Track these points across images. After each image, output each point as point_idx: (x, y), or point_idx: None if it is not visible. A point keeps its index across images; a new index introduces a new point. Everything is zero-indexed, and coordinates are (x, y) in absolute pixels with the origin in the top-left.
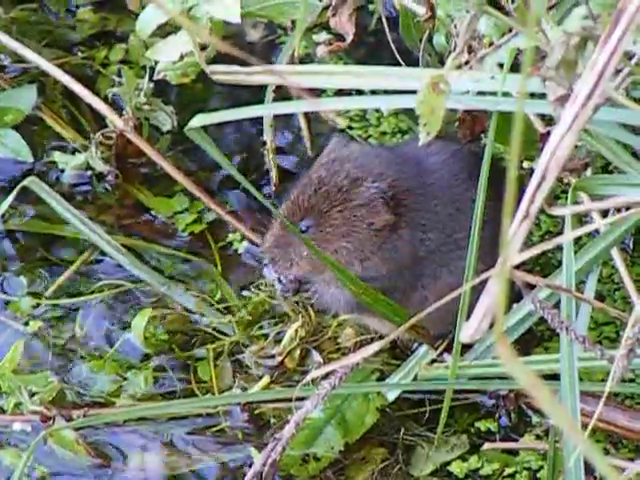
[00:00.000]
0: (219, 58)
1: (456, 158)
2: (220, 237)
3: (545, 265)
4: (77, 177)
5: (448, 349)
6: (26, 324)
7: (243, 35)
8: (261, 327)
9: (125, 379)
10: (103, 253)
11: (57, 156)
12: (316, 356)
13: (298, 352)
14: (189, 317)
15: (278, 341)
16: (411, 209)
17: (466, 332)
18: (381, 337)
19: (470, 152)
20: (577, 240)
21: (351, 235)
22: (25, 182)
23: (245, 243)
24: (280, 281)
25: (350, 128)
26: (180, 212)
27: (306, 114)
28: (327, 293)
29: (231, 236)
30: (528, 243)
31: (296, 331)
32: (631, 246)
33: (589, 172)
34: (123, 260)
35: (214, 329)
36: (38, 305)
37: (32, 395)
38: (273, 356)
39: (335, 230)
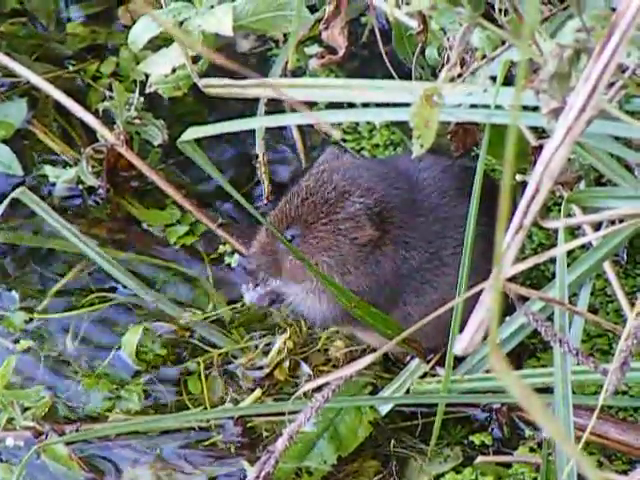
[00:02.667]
0: (211, 70)
1: (447, 174)
2: (212, 249)
3: (538, 278)
4: (68, 191)
5: (440, 362)
6: (16, 342)
7: (234, 46)
8: (251, 338)
9: (118, 395)
10: (95, 266)
11: (48, 170)
12: (305, 368)
13: (287, 364)
14: (180, 330)
15: (267, 352)
16: (396, 226)
17: (459, 345)
18: (372, 350)
19: (461, 168)
20: (570, 253)
21: (334, 248)
22: (15, 194)
23: (237, 256)
24: (255, 289)
25: (343, 140)
26: (172, 225)
27: (300, 126)
28: (304, 304)
29: (222, 248)
30: (520, 256)
31: (284, 343)
32: (625, 258)
33: (582, 185)
34: (115, 273)
35: (205, 342)
36: (31, 320)
37: (24, 410)
38: (262, 368)
39: (319, 242)
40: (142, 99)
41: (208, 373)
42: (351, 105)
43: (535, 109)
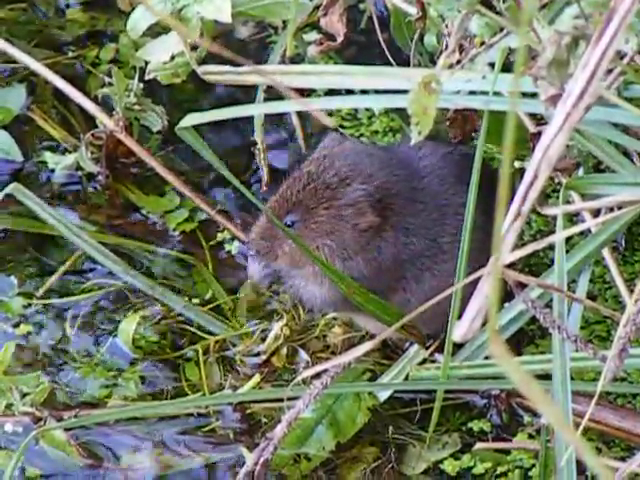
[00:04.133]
0: (210, 57)
1: (446, 161)
2: (211, 236)
3: (536, 265)
4: (67, 177)
5: (439, 349)
6: (16, 326)
7: (233, 33)
8: (249, 325)
9: (116, 381)
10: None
11: (47, 156)
12: (303, 355)
13: (285, 350)
14: (178, 317)
15: (265, 339)
16: (397, 213)
17: (458, 331)
18: (371, 337)
19: (462, 155)
20: (568, 239)
21: (335, 233)
22: (8, 189)
23: (236, 242)
24: (260, 266)
25: (342, 127)
26: (171, 211)
27: (299, 112)
28: (304, 289)
29: (221, 235)
30: (519, 243)
31: (281, 329)
32: (623, 245)
33: (581, 171)
34: (110, 264)
35: (203, 329)
36: (29, 305)
37: (23, 396)
38: (259, 354)
39: (320, 227)
40: (141, 85)
41: (206, 359)
42: (350, 92)
43: (534, 95)
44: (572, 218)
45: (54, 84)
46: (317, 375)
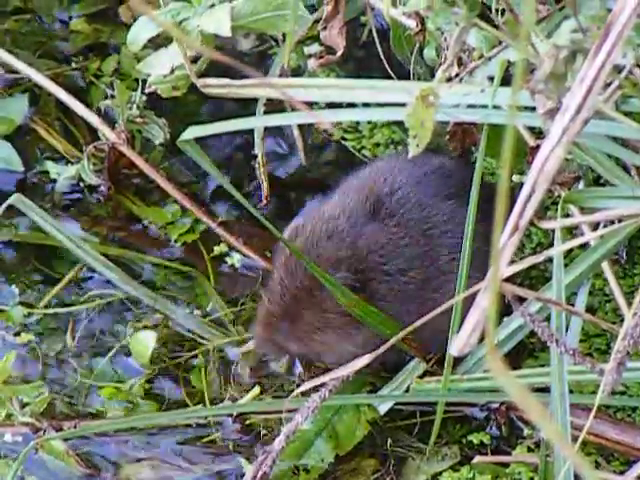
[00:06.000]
0: (211, 69)
1: (423, 182)
2: (213, 248)
3: (537, 278)
4: (70, 188)
5: (439, 362)
6: (17, 334)
7: (234, 45)
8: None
9: (116, 391)
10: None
11: (50, 166)
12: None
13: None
14: (179, 328)
15: None
16: (375, 275)
17: (456, 345)
18: (369, 351)
19: (439, 168)
20: (569, 252)
21: (327, 326)
22: (10, 200)
23: (238, 255)
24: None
25: (343, 139)
26: (173, 222)
27: (300, 125)
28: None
29: (222, 247)
30: (519, 256)
31: None
32: (624, 257)
33: (581, 185)
34: (111, 276)
35: (204, 340)
36: (30, 315)
37: (23, 406)
38: (260, 366)
39: (310, 328)
40: (144, 98)
41: (206, 370)
42: (351, 104)
43: (533, 109)
44: (572, 231)
45: (57, 96)
46: (316, 388)
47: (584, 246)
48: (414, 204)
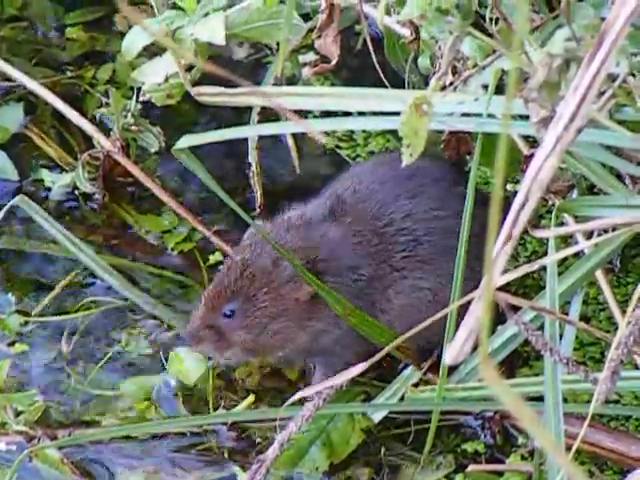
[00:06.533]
0: (206, 77)
1: (396, 181)
2: (208, 256)
3: (531, 287)
4: (64, 196)
5: (433, 369)
6: (12, 344)
7: (229, 53)
8: None
9: (111, 399)
10: (91, 272)
11: (45, 174)
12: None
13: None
14: (175, 335)
15: None
16: (332, 267)
17: (449, 354)
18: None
19: (418, 169)
20: (564, 260)
21: (281, 314)
22: (14, 201)
23: None
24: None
25: (338, 147)
26: (169, 231)
27: (294, 133)
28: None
29: (216, 256)
30: (514, 264)
31: None
32: (618, 266)
33: (575, 194)
34: (111, 280)
35: None
36: (26, 323)
37: (17, 414)
38: (254, 373)
39: (264, 312)
40: (139, 106)
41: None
42: (346, 113)
43: (527, 117)
44: (567, 239)
45: (52, 104)
46: (311, 396)
47: (578, 255)
48: (373, 202)
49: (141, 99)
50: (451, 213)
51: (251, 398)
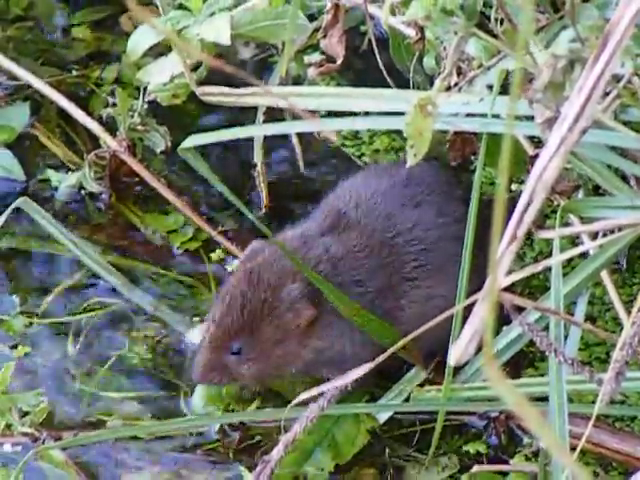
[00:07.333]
0: (211, 77)
1: (395, 190)
2: (214, 256)
3: (537, 287)
4: (70, 196)
5: (438, 369)
6: (15, 346)
7: (235, 53)
8: None
9: (116, 400)
10: (95, 273)
11: (51, 173)
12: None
13: None
14: (180, 336)
15: None
16: (335, 283)
17: (454, 355)
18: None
19: (414, 177)
20: (569, 261)
21: (284, 339)
22: (17, 203)
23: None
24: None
25: (343, 146)
26: (175, 230)
27: (299, 133)
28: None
29: (218, 253)
30: (520, 264)
31: None
32: (624, 266)
33: (580, 194)
34: (114, 282)
35: None
36: (31, 324)
37: (22, 416)
38: None
39: (267, 342)
40: (145, 106)
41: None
42: (351, 112)
43: (532, 118)
44: (573, 240)
45: (58, 103)
46: (315, 398)
47: (583, 255)
48: (379, 214)
49: (147, 99)
50: (454, 219)
51: (257, 400)
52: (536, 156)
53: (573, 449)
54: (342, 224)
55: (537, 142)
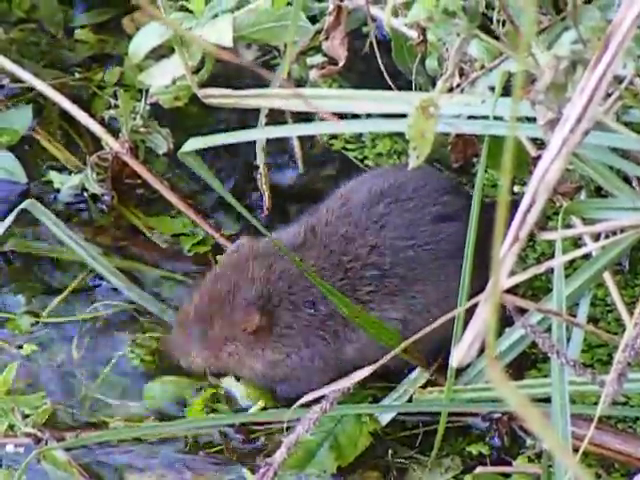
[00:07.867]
0: (213, 80)
1: (361, 210)
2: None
3: (540, 289)
4: (73, 198)
5: (441, 370)
6: (20, 347)
7: (237, 56)
8: None
9: (120, 401)
10: (100, 275)
11: (53, 175)
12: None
13: None
14: None
15: None
16: (281, 302)
17: (456, 356)
18: (369, 363)
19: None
20: (572, 262)
21: (234, 341)
22: (24, 205)
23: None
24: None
25: (345, 149)
26: (185, 233)
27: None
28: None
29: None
30: (522, 265)
31: None
32: (626, 267)
33: (583, 195)
34: (119, 283)
35: None
36: (37, 323)
37: (25, 417)
38: None
39: (219, 338)
40: (147, 108)
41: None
42: (354, 115)
43: (534, 120)
44: (576, 241)
45: (61, 105)
46: (318, 400)
47: (586, 256)
48: (340, 237)
49: (149, 101)
50: (423, 241)
51: (261, 402)
52: (538, 158)
53: (576, 450)
54: (308, 242)
55: (539, 144)
